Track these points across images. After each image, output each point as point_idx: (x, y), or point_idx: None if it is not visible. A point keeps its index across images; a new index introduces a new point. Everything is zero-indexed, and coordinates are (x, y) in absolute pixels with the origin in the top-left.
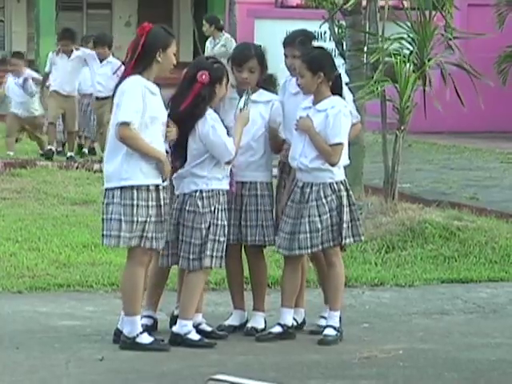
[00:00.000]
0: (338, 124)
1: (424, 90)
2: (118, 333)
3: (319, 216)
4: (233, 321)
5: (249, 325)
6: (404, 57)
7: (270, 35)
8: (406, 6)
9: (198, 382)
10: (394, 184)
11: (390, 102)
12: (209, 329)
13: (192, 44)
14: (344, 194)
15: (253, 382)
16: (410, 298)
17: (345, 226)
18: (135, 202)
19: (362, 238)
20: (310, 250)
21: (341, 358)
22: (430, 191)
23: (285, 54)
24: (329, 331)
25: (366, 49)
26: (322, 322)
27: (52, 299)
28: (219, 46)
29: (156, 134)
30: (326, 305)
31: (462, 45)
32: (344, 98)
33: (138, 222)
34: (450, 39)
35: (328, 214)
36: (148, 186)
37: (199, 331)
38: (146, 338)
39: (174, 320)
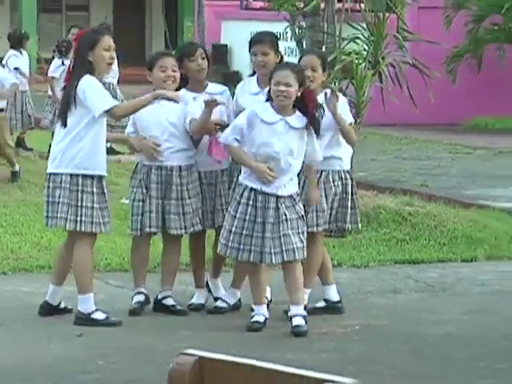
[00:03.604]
0: (346, 106)
1: (381, 87)
2: (45, 305)
3: (325, 197)
4: (198, 299)
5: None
6: (360, 55)
7: (236, 35)
8: (362, 8)
9: (170, 355)
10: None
11: (347, 96)
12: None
13: (163, 43)
14: (349, 182)
15: (218, 355)
16: (366, 277)
17: (349, 212)
18: (81, 188)
19: (359, 225)
20: (315, 229)
21: None
22: (383, 179)
23: (253, 52)
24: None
25: (324, 48)
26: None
27: (34, 280)
28: None
29: (103, 128)
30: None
31: (413, 45)
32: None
33: (83, 206)
34: (404, 40)
35: (332, 198)
36: (93, 175)
37: (164, 306)
38: (99, 315)
39: (157, 304)
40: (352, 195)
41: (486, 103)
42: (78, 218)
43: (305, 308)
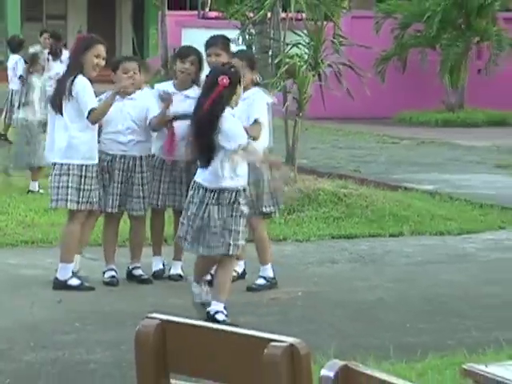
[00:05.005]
0: (259, 103)
1: (321, 86)
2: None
3: None
4: (157, 266)
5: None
6: (302, 58)
7: (194, 41)
8: (303, 17)
9: (138, 319)
10: (294, 160)
11: (290, 93)
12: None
13: (131, 48)
14: (264, 171)
15: (178, 319)
16: (307, 250)
17: (265, 197)
18: (83, 174)
19: (281, 206)
20: None
21: (252, 299)
22: (322, 165)
23: (208, 54)
24: (260, 281)
25: (270, 52)
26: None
27: (19, 253)
28: None
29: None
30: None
31: (347, 49)
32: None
33: (84, 189)
34: (339, 45)
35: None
36: (93, 164)
37: (133, 275)
38: (75, 281)
39: (129, 274)
40: (270, 181)
41: (410, 99)
42: (80, 199)
43: (268, 281)
